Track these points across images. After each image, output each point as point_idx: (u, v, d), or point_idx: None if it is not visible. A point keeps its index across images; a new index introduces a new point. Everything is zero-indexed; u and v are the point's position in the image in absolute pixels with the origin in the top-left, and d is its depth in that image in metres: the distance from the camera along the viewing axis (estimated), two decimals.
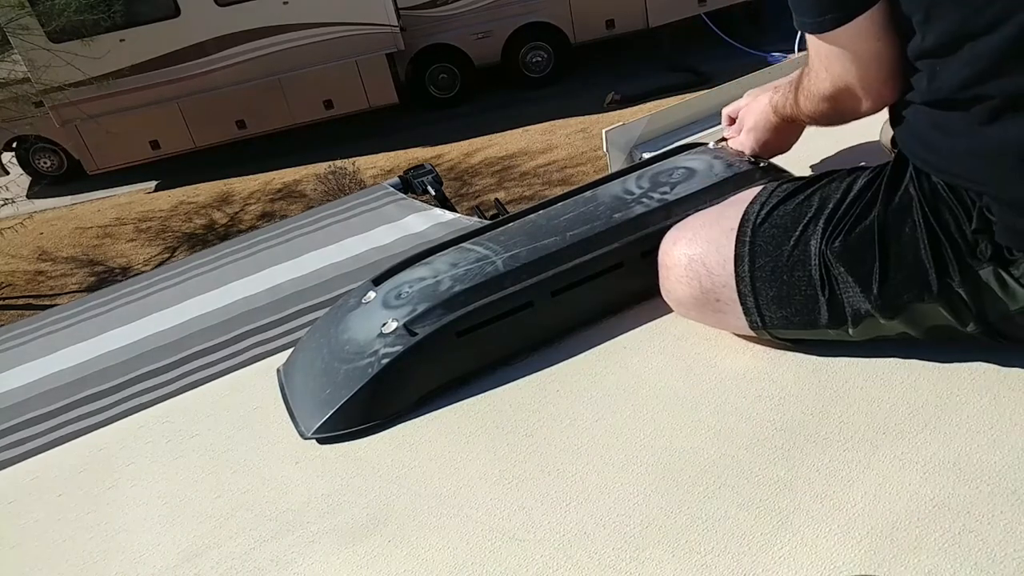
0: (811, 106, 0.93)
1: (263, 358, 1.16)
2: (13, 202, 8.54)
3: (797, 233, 0.85)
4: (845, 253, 0.81)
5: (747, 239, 0.87)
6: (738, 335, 0.93)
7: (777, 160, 1.13)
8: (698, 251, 0.91)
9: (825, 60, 0.85)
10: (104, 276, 7.79)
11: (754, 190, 0.93)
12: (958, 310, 0.78)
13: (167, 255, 8.07)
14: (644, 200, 1.07)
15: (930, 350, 0.84)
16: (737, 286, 0.87)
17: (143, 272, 4.77)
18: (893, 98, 0.85)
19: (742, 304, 0.87)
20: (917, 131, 0.82)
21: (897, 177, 0.83)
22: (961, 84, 0.76)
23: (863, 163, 0.90)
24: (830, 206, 0.84)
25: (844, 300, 0.82)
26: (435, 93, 9.85)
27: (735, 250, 0.87)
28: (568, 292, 1.00)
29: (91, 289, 7.11)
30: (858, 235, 0.81)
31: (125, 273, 7.64)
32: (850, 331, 0.84)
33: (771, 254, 0.86)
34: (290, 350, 1.12)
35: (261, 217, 8.39)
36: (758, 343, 0.92)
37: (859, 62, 0.83)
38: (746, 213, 0.89)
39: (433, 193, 1.87)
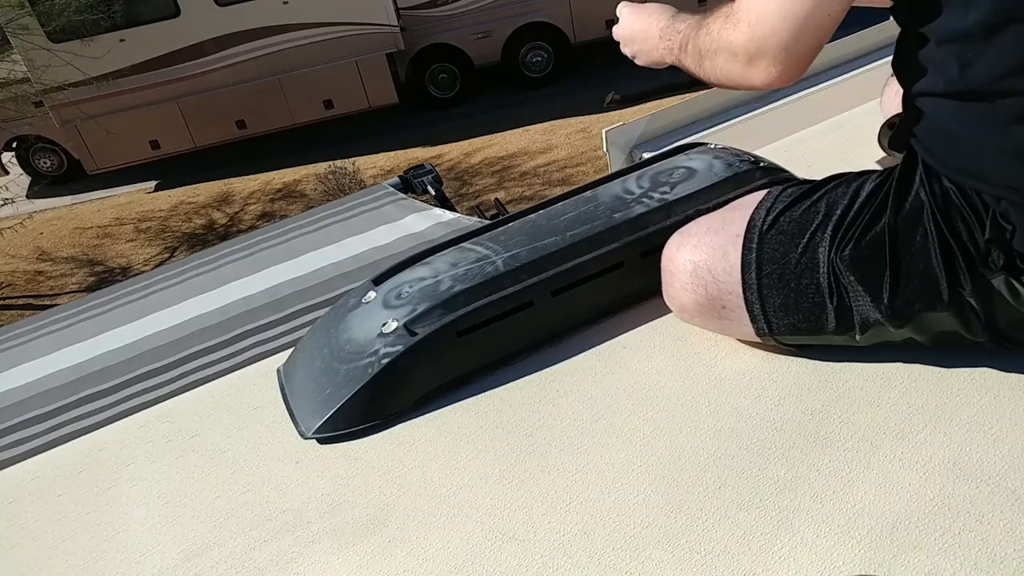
0: (710, 56, 0.87)
1: (263, 358, 1.16)
2: (13, 202, 8.53)
3: (805, 240, 0.83)
4: (855, 261, 0.79)
5: (754, 246, 0.86)
6: (742, 340, 0.93)
7: (778, 160, 1.13)
8: (703, 257, 0.89)
9: (757, 10, 0.80)
10: (104, 276, 7.79)
11: (758, 195, 0.92)
12: (967, 319, 0.78)
13: (167, 255, 8.07)
14: (644, 200, 1.07)
15: (931, 352, 0.84)
16: (744, 293, 0.86)
17: (143, 272, 4.77)
18: (792, 80, 0.83)
19: (749, 311, 0.86)
20: (936, 125, 0.78)
21: (906, 182, 0.80)
22: (999, 74, 0.71)
23: (867, 165, 0.90)
24: (838, 212, 0.82)
25: (853, 308, 0.81)
26: (435, 93, 9.84)
27: (742, 257, 0.86)
28: (568, 292, 1.00)
29: (91, 289, 7.11)
30: (868, 243, 0.79)
31: (125, 273, 7.63)
32: (857, 337, 0.83)
33: (778, 261, 0.84)
34: (290, 350, 1.11)
35: (261, 217, 8.38)
36: (758, 344, 0.92)
37: (799, 27, 0.78)
38: (752, 219, 0.88)
39: (433, 193, 1.87)
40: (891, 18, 0.83)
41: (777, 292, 0.84)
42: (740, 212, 0.90)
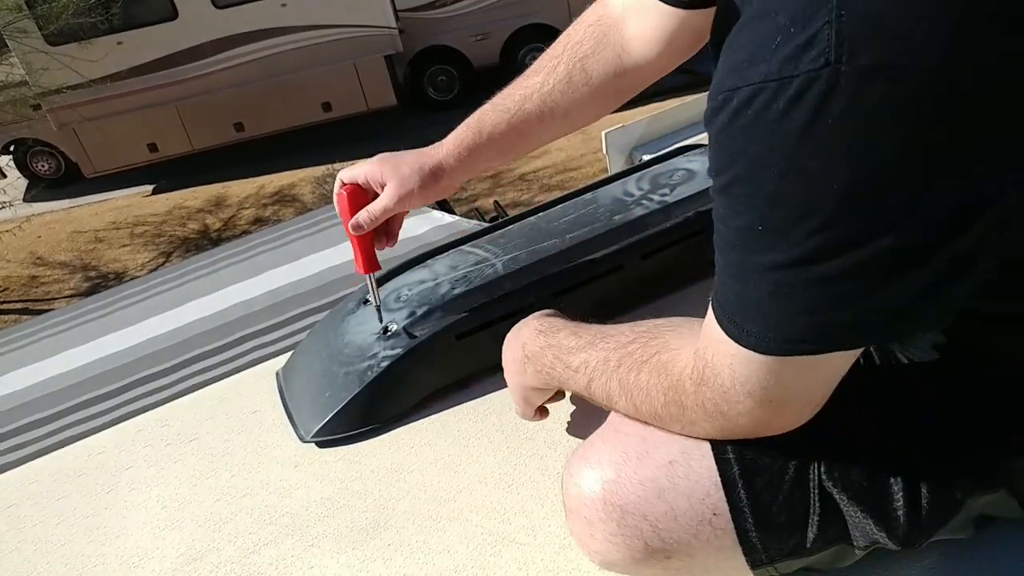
0: (676, 415, 0.60)
1: (262, 361, 1.16)
2: (11, 205, 8.52)
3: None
4: (849, 486, 0.60)
5: (730, 456, 0.61)
6: None
7: None
8: (631, 499, 0.62)
9: (759, 381, 0.52)
10: (98, 282, 7.77)
11: None
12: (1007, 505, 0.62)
13: (161, 260, 8.06)
14: (644, 202, 1.07)
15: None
16: (734, 520, 0.61)
17: (138, 277, 4.76)
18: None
19: (743, 542, 0.62)
20: None
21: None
22: None
23: None
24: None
25: (851, 534, 0.61)
26: (434, 95, 9.85)
27: (720, 474, 0.61)
28: (568, 294, 1.00)
29: (85, 295, 7.09)
30: (865, 456, 0.60)
31: (119, 279, 7.62)
32: (857, 552, 0.64)
33: (767, 469, 0.61)
34: (289, 353, 1.11)
35: (255, 222, 8.38)
36: None
37: (819, 391, 0.55)
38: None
39: None
40: None
41: (778, 507, 0.60)
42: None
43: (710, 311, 0.54)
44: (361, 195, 0.91)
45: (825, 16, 0.39)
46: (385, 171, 0.89)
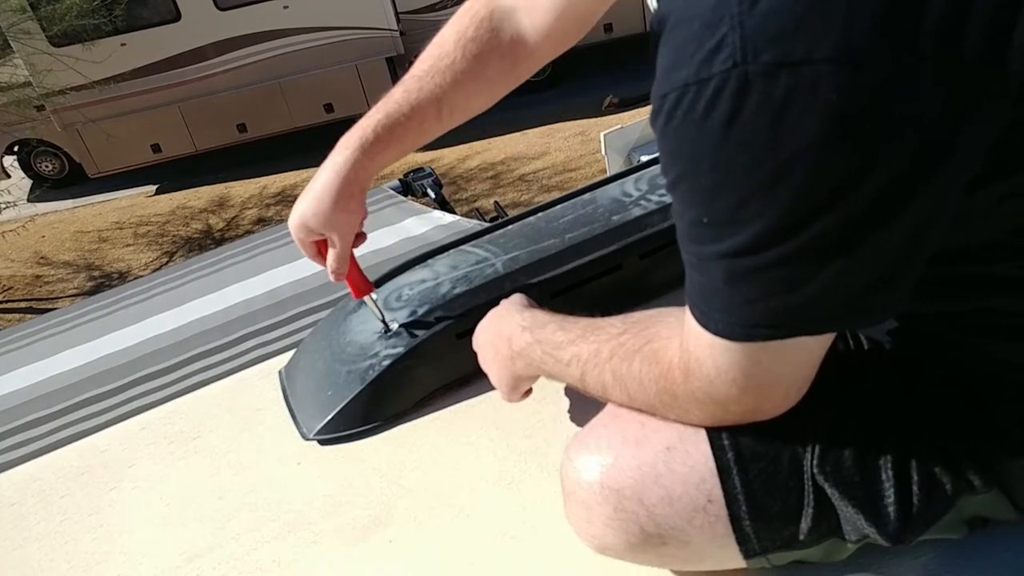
0: (667, 403, 0.61)
1: (264, 360, 1.17)
2: (15, 205, 8.55)
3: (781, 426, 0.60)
4: (840, 482, 0.60)
5: (725, 442, 0.61)
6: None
7: None
8: (628, 483, 0.62)
9: (741, 368, 0.54)
10: (102, 281, 7.79)
11: None
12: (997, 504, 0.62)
13: (165, 260, 8.07)
14: (642, 202, 1.08)
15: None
16: (729, 508, 0.61)
17: (142, 276, 4.77)
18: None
19: (736, 530, 0.61)
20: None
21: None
22: None
23: None
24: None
25: (843, 528, 0.61)
26: None
27: (716, 461, 0.61)
28: (567, 294, 1.01)
29: (89, 294, 7.11)
30: (857, 451, 0.60)
31: (123, 278, 7.64)
32: (849, 545, 0.64)
33: (765, 456, 0.61)
34: (291, 352, 1.12)
35: (258, 222, 8.39)
36: None
37: (799, 373, 0.56)
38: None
39: (433, 196, 1.88)
40: None
41: (772, 497, 0.60)
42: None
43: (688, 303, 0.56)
44: (325, 243, 0.94)
45: (729, 22, 0.42)
46: (318, 224, 0.91)
